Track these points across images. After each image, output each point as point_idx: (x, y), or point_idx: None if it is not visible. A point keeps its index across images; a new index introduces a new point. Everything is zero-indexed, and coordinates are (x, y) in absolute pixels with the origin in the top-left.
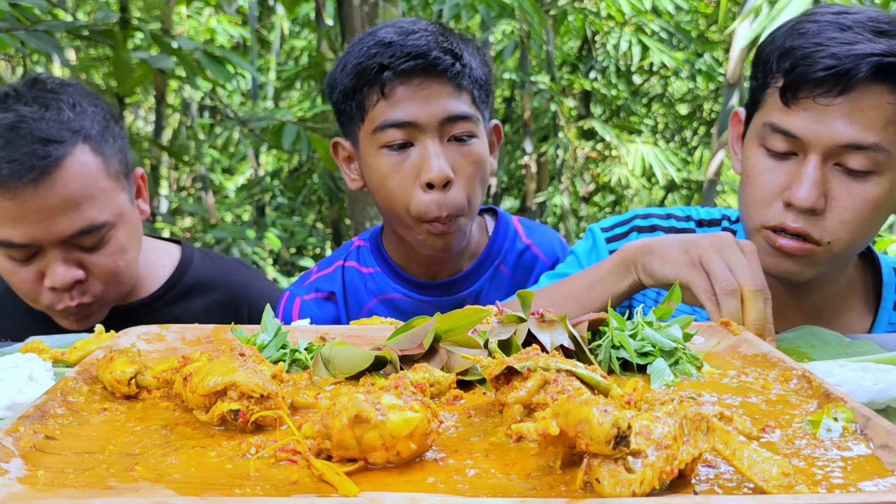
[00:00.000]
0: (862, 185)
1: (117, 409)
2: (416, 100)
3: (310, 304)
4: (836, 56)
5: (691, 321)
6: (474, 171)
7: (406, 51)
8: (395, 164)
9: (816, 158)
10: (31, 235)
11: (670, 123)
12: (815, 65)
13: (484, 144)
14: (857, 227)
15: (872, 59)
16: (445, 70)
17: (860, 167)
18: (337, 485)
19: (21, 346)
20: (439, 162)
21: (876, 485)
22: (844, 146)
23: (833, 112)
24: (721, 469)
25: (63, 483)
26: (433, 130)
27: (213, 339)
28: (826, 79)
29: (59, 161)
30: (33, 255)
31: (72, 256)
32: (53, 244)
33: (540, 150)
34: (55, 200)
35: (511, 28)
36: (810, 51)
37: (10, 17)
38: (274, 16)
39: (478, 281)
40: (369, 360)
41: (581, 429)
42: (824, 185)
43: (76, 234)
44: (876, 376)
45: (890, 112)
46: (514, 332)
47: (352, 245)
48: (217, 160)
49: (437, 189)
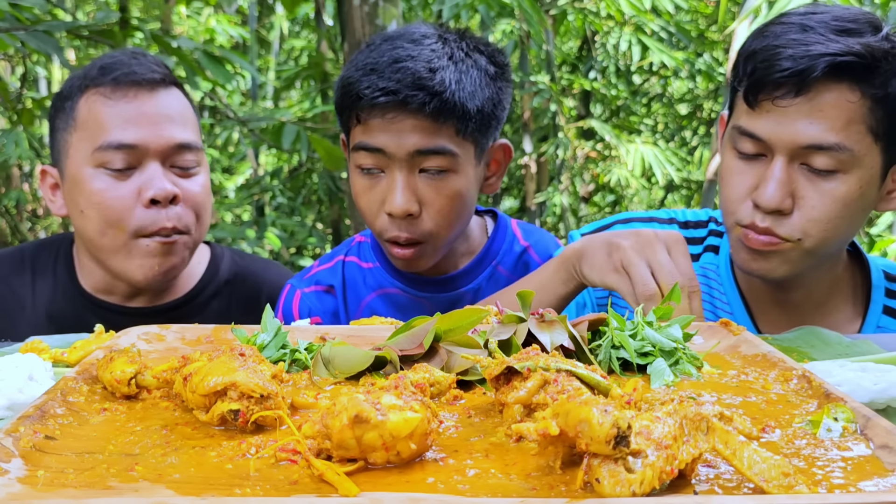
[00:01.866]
0: (829, 184)
1: (117, 409)
2: (388, 131)
3: (309, 297)
4: (792, 58)
5: (691, 321)
6: (446, 204)
7: (381, 84)
8: (367, 186)
9: (782, 160)
10: (142, 138)
11: (670, 123)
12: (772, 67)
13: (464, 178)
14: (827, 224)
15: (826, 58)
16: (419, 108)
17: (824, 167)
18: (337, 485)
19: (21, 346)
20: (402, 196)
21: (876, 485)
22: (807, 147)
23: (793, 113)
24: (721, 469)
25: (63, 483)
26: (402, 161)
27: (213, 339)
28: (783, 80)
29: (170, 80)
30: (133, 169)
31: (168, 176)
32: (156, 155)
33: (540, 150)
34: (166, 109)
35: (511, 28)
36: (769, 53)
37: (10, 17)
38: (273, 15)
39: (475, 279)
40: (369, 360)
41: (581, 429)
42: (790, 185)
43: (180, 144)
44: (876, 376)
45: (851, 111)
46: (514, 332)
47: (353, 241)
48: (217, 160)
49: (399, 219)
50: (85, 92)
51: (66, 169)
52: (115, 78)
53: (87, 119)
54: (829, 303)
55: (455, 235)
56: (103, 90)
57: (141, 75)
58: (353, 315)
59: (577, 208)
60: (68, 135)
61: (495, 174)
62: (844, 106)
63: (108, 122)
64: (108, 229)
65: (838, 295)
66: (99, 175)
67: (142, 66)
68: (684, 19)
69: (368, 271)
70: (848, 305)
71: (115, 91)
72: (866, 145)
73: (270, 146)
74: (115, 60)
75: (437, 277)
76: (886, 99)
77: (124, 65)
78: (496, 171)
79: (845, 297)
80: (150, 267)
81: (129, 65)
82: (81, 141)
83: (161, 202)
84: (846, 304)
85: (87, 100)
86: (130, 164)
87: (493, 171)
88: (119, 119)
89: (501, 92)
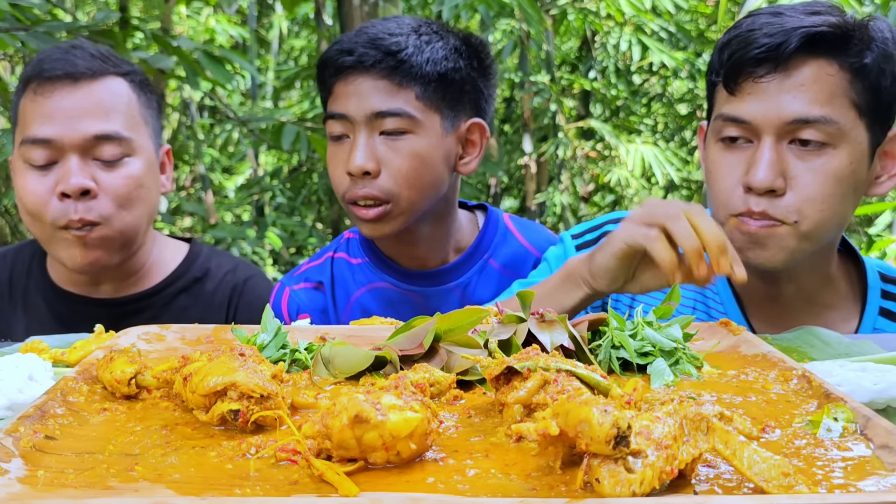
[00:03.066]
0: (819, 160)
1: (117, 409)
2: (350, 95)
3: (298, 294)
4: (767, 34)
5: (691, 321)
6: (404, 163)
7: (342, 47)
8: (333, 153)
9: (770, 139)
10: (57, 133)
11: (670, 123)
12: (748, 47)
13: (425, 141)
14: (822, 203)
15: (801, 30)
16: (373, 65)
17: (814, 138)
18: (337, 485)
19: (21, 346)
20: (360, 153)
21: (876, 485)
22: (792, 122)
23: (775, 90)
24: (721, 469)
25: (63, 483)
26: (362, 124)
27: (213, 339)
28: (761, 57)
29: (98, 74)
30: (54, 163)
31: (88, 169)
32: (75, 148)
33: (539, 150)
34: (85, 102)
35: (510, 27)
36: (744, 37)
37: (10, 17)
38: (272, 15)
39: (465, 273)
40: (369, 360)
41: (581, 429)
42: (781, 165)
43: (97, 136)
44: (876, 376)
45: (832, 84)
46: (514, 332)
47: (342, 237)
48: (217, 160)
49: (358, 178)
50: (25, 88)
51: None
52: (43, 73)
53: (21, 115)
54: (822, 300)
55: (422, 203)
56: (34, 86)
57: (65, 69)
58: (342, 311)
59: (577, 208)
60: (14, 127)
61: (471, 155)
62: (825, 79)
63: (31, 118)
64: (33, 221)
65: (833, 293)
66: (24, 170)
67: (73, 57)
68: (684, 19)
69: (357, 267)
70: (844, 304)
71: (42, 86)
72: (851, 119)
73: (270, 146)
74: (46, 55)
75: (426, 271)
76: (864, 70)
77: (54, 59)
78: (472, 152)
79: (841, 295)
80: (73, 257)
81: (60, 59)
82: (18, 136)
83: (72, 195)
84: (842, 303)
85: (26, 96)
86: (50, 159)
87: (469, 152)
88: (39, 115)
89: (474, 71)
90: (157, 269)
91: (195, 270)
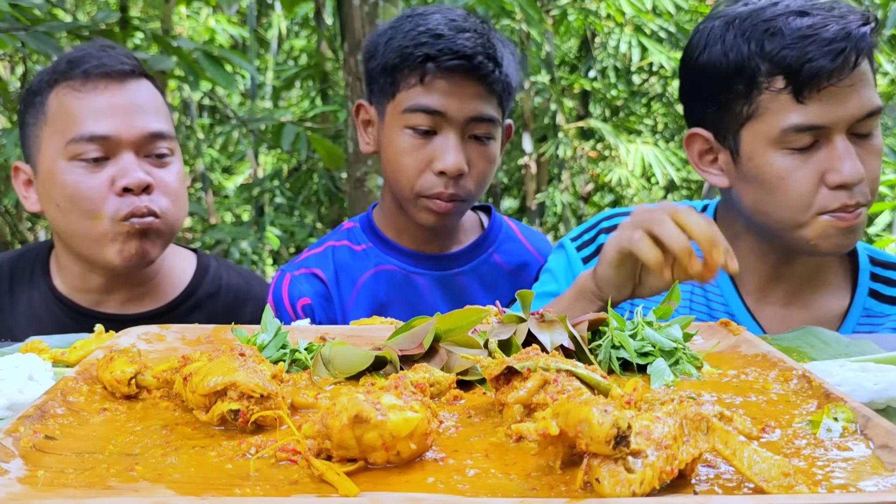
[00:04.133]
0: (873, 141)
1: (117, 409)
2: (451, 94)
3: (299, 279)
4: (833, 40)
5: (691, 321)
6: (485, 168)
7: (454, 49)
8: (416, 146)
9: (841, 136)
10: (115, 128)
11: (670, 123)
12: (818, 54)
13: (498, 145)
14: (878, 180)
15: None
16: (485, 75)
17: (869, 130)
18: (337, 485)
19: (21, 346)
20: (457, 156)
21: (876, 485)
22: (863, 117)
23: (847, 90)
24: (721, 469)
25: (63, 483)
26: (458, 125)
27: (213, 339)
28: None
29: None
30: (107, 159)
31: (142, 165)
32: (130, 145)
33: (539, 150)
34: (137, 99)
35: (511, 28)
36: (807, 44)
37: (10, 17)
38: (271, 15)
39: (471, 262)
40: (369, 360)
41: (581, 429)
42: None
43: (153, 134)
44: (876, 376)
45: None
46: (514, 332)
47: (342, 227)
48: (216, 160)
49: (448, 178)
50: (55, 86)
51: (39, 164)
52: (84, 70)
53: (58, 113)
54: (822, 277)
55: (477, 199)
56: (73, 83)
57: (110, 67)
58: (347, 299)
59: (577, 207)
60: (39, 129)
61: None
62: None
63: (80, 114)
64: (83, 220)
65: (830, 272)
66: (73, 167)
67: (111, 57)
68: (684, 19)
69: (361, 252)
70: (839, 283)
71: (85, 83)
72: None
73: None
74: (83, 53)
75: (434, 254)
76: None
77: (93, 57)
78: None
79: (838, 274)
80: (127, 249)
81: (98, 57)
82: (53, 135)
83: (134, 190)
84: (838, 281)
85: (58, 94)
86: (104, 154)
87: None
88: (91, 111)
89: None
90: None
91: (207, 286)
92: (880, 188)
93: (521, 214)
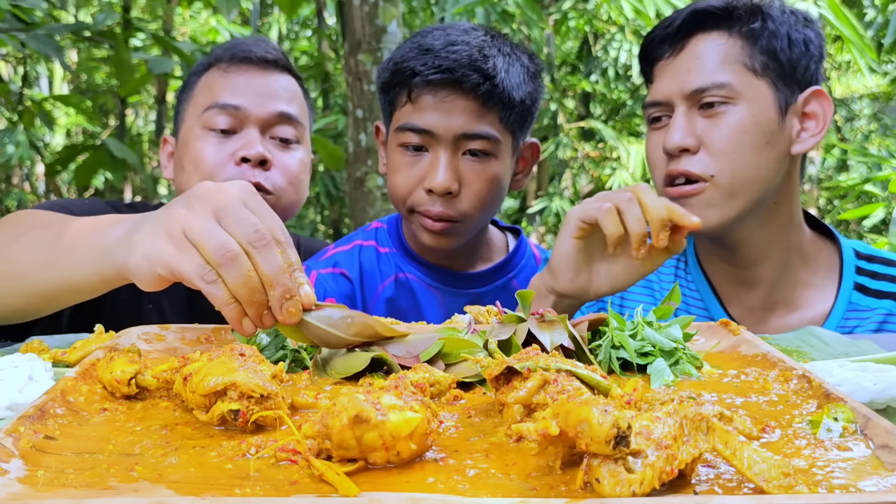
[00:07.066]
0: (722, 117)
1: (117, 409)
2: (438, 111)
3: (325, 278)
4: (661, 26)
5: (691, 321)
6: (484, 187)
7: (437, 62)
8: (407, 163)
9: (681, 108)
10: (246, 102)
11: None
12: (650, 36)
13: (502, 164)
14: (732, 154)
15: (685, 11)
16: (472, 88)
17: (713, 99)
18: (337, 485)
19: (21, 346)
20: (444, 174)
21: (876, 485)
22: (693, 91)
23: (677, 67)
24: (721, 469)
25: (63, 483)
26: (448, 142)
27: (213, 339)
28: (660, 41)
29: (283, 67)
30: (233, 132)
31: (265, 143)
32: (258, 121)
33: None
34: (273, 84)
35: (511, 30)
36: (650, 31)
37: (11, 17)
38: (271, 14)
39: (489, 285)
40: (365, 361)
41: (581, 429)
42: (691, 127)
43: (281, 114)
44: (876, 376)
45: (723, 52)
46: (514, 332)
47: (370, 226)
48: None
49: (437, 196)
50: (208, 69)
51: (180, 134)
52: (232, 55)
53: (203, 88)
54: (798, 277)
55: (483, 222)
56: (222, 66)
57: (255, 54)
58: (369, 302)
59: None
60: (187, 105)
61: (523, 171)
62: (714, 49)
63: (219, 88)
64: None
65: (809, 271)
66: (204, 135)
67: (259, 47)
68: None
69: (385, 256)
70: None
71: (230, 66)
72: (747, 79)
73: None
74: (238, 42)
75: (454, 271)
76: (753, 35)
77: (244, 45)
78: (523, 169)
79: (818, 273)
80: None
81: (248, 45)
82: (195, 108)
83: (252, 161)
84: (819, 280)
85: (208, 75)
86: (233, 126)
87: (521, 169)
88: (228, 86)
89: (537, 91)
90: None
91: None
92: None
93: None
